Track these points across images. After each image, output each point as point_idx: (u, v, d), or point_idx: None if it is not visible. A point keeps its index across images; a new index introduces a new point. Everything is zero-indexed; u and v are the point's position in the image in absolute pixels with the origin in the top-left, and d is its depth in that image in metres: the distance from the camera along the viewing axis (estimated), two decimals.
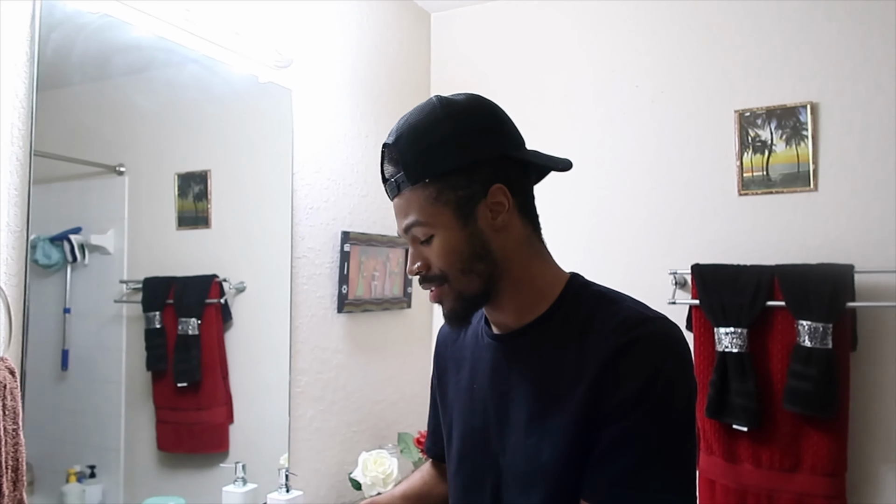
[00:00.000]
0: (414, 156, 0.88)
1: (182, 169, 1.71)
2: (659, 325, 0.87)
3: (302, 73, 1.98)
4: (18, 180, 1.22)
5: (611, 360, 0.84)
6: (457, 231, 0.89)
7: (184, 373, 1.70)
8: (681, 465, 0.84)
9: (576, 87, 2.34)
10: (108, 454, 1.53)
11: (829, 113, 1.95)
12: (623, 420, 0.82)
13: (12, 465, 0.93)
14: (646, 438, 0.82)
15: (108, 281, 1.53)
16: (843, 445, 1.82)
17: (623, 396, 0.83)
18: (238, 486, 1.74)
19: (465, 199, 0.88)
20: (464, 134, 0.89)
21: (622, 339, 0.85)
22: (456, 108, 0.90)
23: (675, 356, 0.86)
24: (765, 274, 1.92)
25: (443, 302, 0.93)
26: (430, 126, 0.89)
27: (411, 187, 0.89)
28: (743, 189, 2.05)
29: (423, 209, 0.88)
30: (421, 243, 0.91)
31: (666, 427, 0.83)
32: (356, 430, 2.16)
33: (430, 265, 0.91)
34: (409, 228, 0.90)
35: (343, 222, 2.13)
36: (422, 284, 0.94)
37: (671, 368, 0.84)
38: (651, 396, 0.82)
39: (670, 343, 0.86)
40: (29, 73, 1.24)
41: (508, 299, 0.93)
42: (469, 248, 0.89)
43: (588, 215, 2.29)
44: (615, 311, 0.90)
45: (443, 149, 0.88)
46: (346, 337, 2.13)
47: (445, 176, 0.88)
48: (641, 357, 0.84)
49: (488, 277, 0.90)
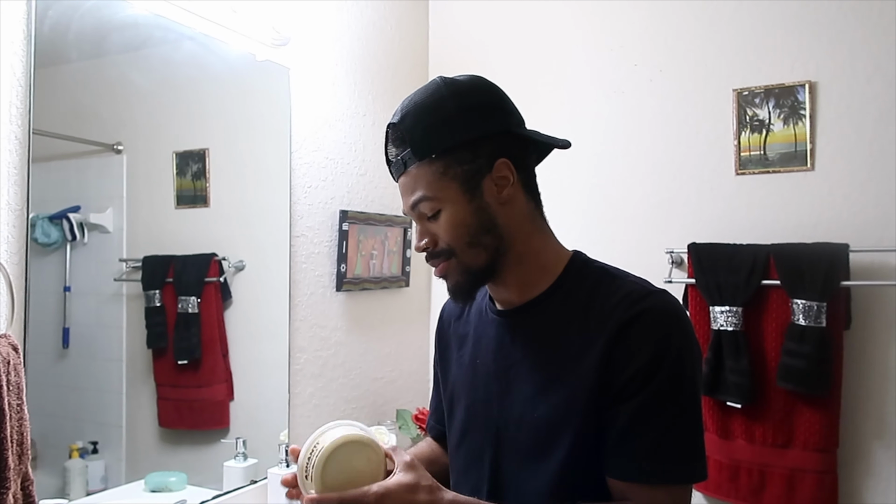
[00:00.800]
0: (420, 133, 0.90)
1: (180, 147, 1.71)
2: (661, 298, 0.90)
3: (300, 51, 1.97)
4: (18, 159, 1.22)
5: (617, 335, 0.87)
6: (464, 204, 0.91)
7: (184, 350, 1.72)
8: (699, 432, 0.88)
9: (574, 65, 2.33)
10: (110, 430, 1.55)
11: (827, 92, 1.94)
12: (638, 395, 0.85)
13: (17, 439, 0.95)
14: (664, 411, 0.85)
15: (107, 259, 1.54)
16: (836, 422, 1.84)
17: (634, 371, 0.85)
18: (239, 461, 1.76)
19: (470, 174, 0.90)
20: (468, 110, 0.91)
21: (627, 314, 0.87)
22: (460, 87, 0.93)
23: (681, 327, 0.89)
24: (760, 253, 1.93)
25: (448, 277, 0.95)
26: (434, 104, 0.91)
27: (418, 164, 0.91)
28: (740, 168, 2.05)
29: (430, 184, 0.90)
30: (428, 219, 0.93)
31: (681, 397, 0.87)
32: (355, 406, 2.19)
33: (437, 240, 0.93)
34: (416, 204, 0.92)
35: (341, 201, 2.14)
36: (428, 261, 0.95)
37: (678, 339, 0.87)
38: (663, 369, 0.85)
39: (674, 315, 0.89)
40: (26, 50, 1.24)
41: (512, 275, 0.95)
42: (476, 221, 0.91)
43: (585, 194, 2.29)
44: (618, 285, 0.92)
45: (448, 125, 0.90)
46: (344, 315, 2.15)
47: (451, 151, 0.90)
48: (648, 330, 0.86)
49: (494, 251, 0.92)
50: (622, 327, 0.87)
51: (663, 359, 0.85)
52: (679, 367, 0.86)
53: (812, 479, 1.84)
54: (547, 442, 0.90)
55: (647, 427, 0.85)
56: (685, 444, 0.86)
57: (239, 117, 1.85)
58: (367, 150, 2.25)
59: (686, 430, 0.87)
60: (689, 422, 0.87)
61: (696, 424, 0.88)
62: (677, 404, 0.86)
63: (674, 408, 0.86)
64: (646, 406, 0.85)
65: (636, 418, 0.85)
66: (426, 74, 2.58)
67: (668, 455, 0.85)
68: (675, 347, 0.86)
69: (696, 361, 0.90)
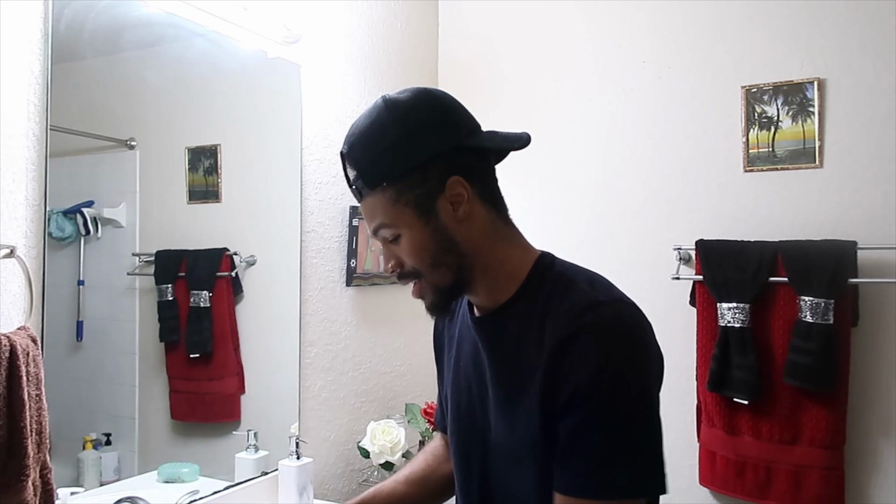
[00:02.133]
0: (367, 163, 0.90)
1: (192, 143, 1.72)
2: (607, 311, 0.87)
3: (310, 48, 1.99)
4: (35, 155, 1.25)
5: (558, 351, 0.85)
6: (420, 228, 0.90)
7: (196, 344, 1.73)
8: (650, 448, 0.85)
9: (582, 62, 2.34)
10: (123, 422, 1.57)
11: (835, 89, 1.94)
12: (575, 413, 0.83)
13: (36, 428, 0.97)
14: (603, 427, 0.83)
15: (120, 253, 1.55)
16: (842, 419, 1.85)
17: (572, 389, 0.83)
18: (250, 453, 1.78)
19: (423, 197, 0.89)
20: (411, 134, 0.90)
21: (567, 330, 0.85)
22: (401, 108, 0.91)
23: (624, 343, 0.85)
24: (768, 250, 1.93)
25: (423, 296, 0.95)
26: (377, 131, 0.90)
27: (371, 192, 0.90)
28: (748, 165, 2.06)
29: (386, 211, 0.90)
30: (390, 242, 0.93)
31: (622, 413, 0.83)
32: (364, 400, 2.21)
33: (402, 264, 0.93)
34: (376, 231, 0.93)
35: (351, 198, 2.14)
36: (399, 280, 0.95)
37: (618, 357, 0.84)
38: (599, 387, 0.82)
39: (619, 330, 0.86)
40: (43, 49, 1.26)
41: (480, 285, 0.95)
42: (435, 243, 0.90)
43: (593, 191, 2.30)
44: (568, 294, 0.90)
45: (392, 152, 0.89)
46: (354, 310, 2.17)
47: (401, 177, 0.89)
48: (585, 348, 0.84)
49: (457, 268, 0.92)
50: (562, 343, 0.85)
51: (600, 377, 0.82)
52: (618, 385, 0.83)
53: (818, 475, 1.84)
54: (522, 447, 0.91)
55: (587, 442, 0.83)
56: (628, 460, 0.83)
57: (250, 114, 1.86)
58: None
59: (630, 445, 0.84)
60: (633, 437, 0.84)
61: (644, 440, 0.85)
62: (618, 420, 0.83)
63: (614, 423, 0.83)
64: (585, 422, 0.83)
65: (576, 434, 0.84)
66: (436, 71, 2.59)
67: (607, 470, 0.83)
68: (613, 366, 0.83)
69: (643, 377, 0.86)
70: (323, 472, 2.01)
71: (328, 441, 2.06)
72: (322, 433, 2.03)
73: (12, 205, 1.12)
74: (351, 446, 2.11)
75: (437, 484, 1.20)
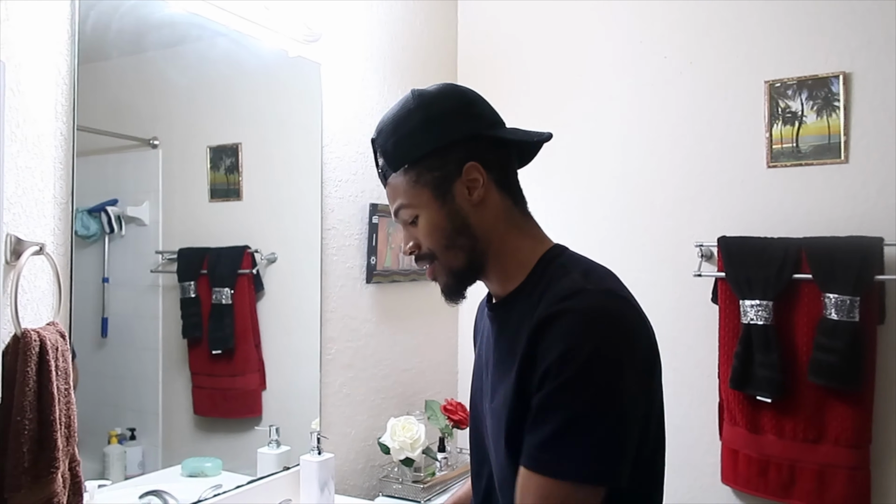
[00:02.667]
0: (391, 146, 0.96)
1: (214, 142, 1.74)
2: (589, 298, 0.87)
3: (330, 47, 2.00)
4: (63, 154, 1.26)
5: (535, 334, 0.87)
6: (436, 209, 0.95)
7: (218, 340, 1.75)
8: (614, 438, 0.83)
9: (603, 58, 2.33)
10: (147, 417, 1.59)
11: (861, 83, 1.91)
12: (543, 389, 0.85)
13: (65, 421, 0.99)
14: (566, 407, 0.83)
15: (144, 251, 1.57)
16: (868, 417, 1.82)
17: (546, 367, 0.85)
18: (272, 448, 1.80)
19: (441, 179, 0.95)
20: (433, 120, 0.95)
21: (547, 312, 0.87)
22: (426, 97, 0.97)
23: (599, 330, 0.85)
24: (792, 246, 1.91)
25: (437, 278, 1.00)
26: (403, 117, 0.97)
27: (394, 174, 0.97)
28: (772, 161, 2.03)
29: (406, 192, 0.96)
30: (410, 224, 0.98)
31: (582, 399, 0.83)
32: (384, 396, 2.22)
33: (419, 245, 0.98)
34: (397, 212, 0.99)
35: (371, 195, 2.17)
36: (416, 263, 1.00)
37: (592, 342, 0.84)
38: (570, 367, 0.83)
39: (596, 316, 0.86)
40: (70, 50, 1.28)
41: (493, 272, 0.99)
42: (450, 224, 0.95)
43: (614, 188, 2.28)
44: (559, 282, 0.91)
45: (415, 136, 0.95)
46: (374, 307, 2.18)
47: (421, 160, 0.95)
48: (562, 329, 0.85)
49: (470, 251, 0.96)
50: (541, 324, 0.87)
51: (572, 357, 0.83)
52: (589, 369, 0.83)
53: (844, 475, 1.82)
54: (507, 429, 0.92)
55: (547, 419, 0.84)
56: (584, 444, 0.82)
57: (271, 112, 1.88)
58: None
59: (591, 431, 0.83)
60: (594, 424, 0.83)
61: (607, 429, 0.83)
62: (581, 403, 0.83)
63: (577, 406, 0.83)
64: (550, 399, 0.84)
65: (540, 410, 0.85)
66: (455, 69, 2.59)
67: (563, 450, 0.83)
68: (587, 349, 0.83)
69: (615, 366, 0.85)
70: (344, 467, 2.02)
71: (349, 437, 2.07)
72: (343, 429, 2.04)
73: (41, 203, 1.13)
74: (371, 442, 2.12)
75: None
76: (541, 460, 0.84)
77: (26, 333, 0.93)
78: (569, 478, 0.82)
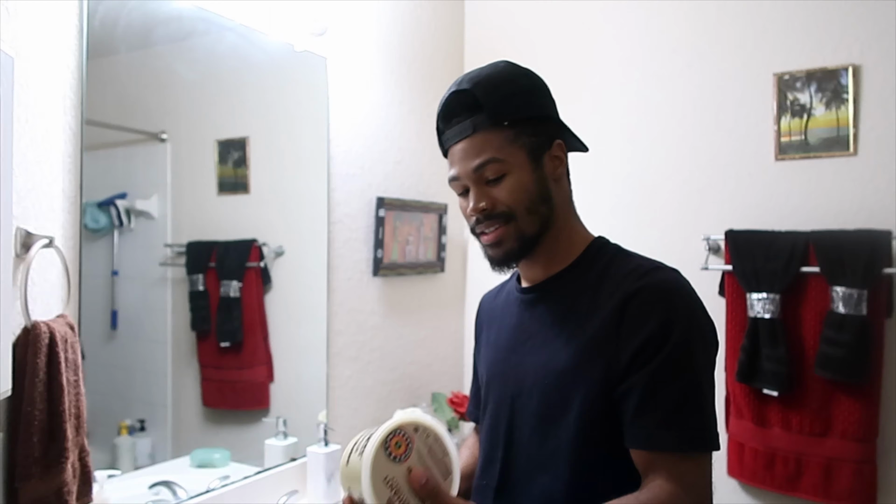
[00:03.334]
0: (497, 99, 0.96)
1: (221, 136, 1.75)
2: (670, 274, 0.94)
3: (337, 41, 2.00)
4: (71, 147, 1.28)
5: (624, 306, 0.90)
6: (529, 171, 0.96)
7: (226, 333, 1.77)
8: (706, 404, 0.89)
9: (610, 50, 2.32)
10: (157, 409, 1.61)
11: (871, 76, 1.90)
12: (651, 362, 0.87)
13: (74, 412, 1.00)
14: (680, 378, 0.87)
15: (152, 245, 1.59)
16: (875, 411, 1.82)
17: (645, 339, 0.87)
18: (280, 440, 1.82)
19: (536, 145, 0.97)
20: (537, 89, 1.01)
21: (634, 285, 0.91)
22: (526, 70, 1.01)
23: (690, 299, 0.92)
24: (799, 240, 1.90)
25: (503, 242, 0.98)
26: (509, 77, 0.99)
27: (489, 129, 0.95)
28: (780, 154, 2.02)
29: (500, 149, 0.95)
30: (488, 182, 0.97)
31: (695, 364, 0.88)
32: (391, 389, 2.23)
33: (496, 204, 0.96)
34: (481, 166, 0.96)
35: (378, 188, 2.17)
36: (482, 224, 0.98)
37: (686, 309, 0.90)
38: (673, 336, 0.87)
39: (683, 289, 0.92)
40: (79, 45, 1.29)
41: (547, 249, 1.00)
42: (537, 189, 0.97)
43: (621, 180, 2.28)
44: (628, 262, 0.97)
45: (521, 97, 0.98)
46: (381, 300, 2.19)
47: (522, 122, 0.96)
48: (656, 300, 0.89)
49: (545, 221, 0.98)
50: (629, 298, 0.90)
51: (673, 326, 0.87)
52: (690, 335, 0.88)
53: (850, 468, 1.82)
54: (557, 408, 0.93)
55: (662, 395, 0.87)
56: (704, 412, 0.88)
57: (278, 106, 1.88)
58: (403, 138, 2.28)
59: (703, 397, 0.88)
60: (705, 390, 0.89)
61: (711, 394, 0.90)
62: (692, 371, 0.88)
63: (689, 375, 0.88)
64: (660, 373, 0.87)
65: (653, 386, 0.87)
66: (461, 63, 2.59)
67: (684, 423, 0.87)
68: (685, 316, 0.89)
69: (707, 335, 0.92)
70: None
71: (356, 429, 2.07)
72: (350, 421, 2.06)
73: (50, 196, 1.15)
74: None
75: None
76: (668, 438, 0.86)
77: (36, 325, 0.94)
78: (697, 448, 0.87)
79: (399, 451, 0.77)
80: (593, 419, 0.89)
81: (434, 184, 2.42)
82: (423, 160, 2.38)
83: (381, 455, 0.76)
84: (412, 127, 2.31)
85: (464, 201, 1.00)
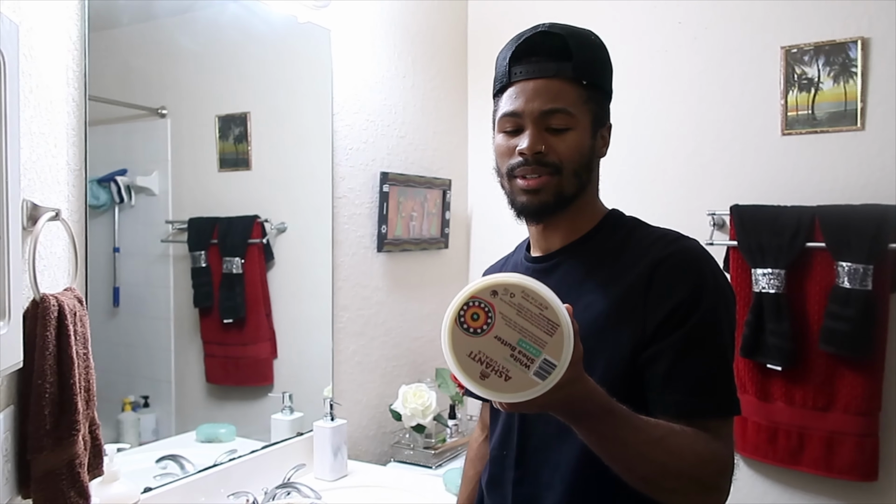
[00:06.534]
0: (588, 56, 0.98)
1: (222, 111, 1.73)
2: (694, 242, 0.96)
3: (340, 12, 1.97)
4: (75, 120, 1.26)
5: (652, 273, 0.90)
6: (588, 135, 0.98)
7: (229, 310, 1.76)
8: (731, 370, 0.91)
9: (615, 22, 2.29)
10: (160, 385, 1.61)
11: (880, 49, 1.88)
12: (681, 328, 0.87)
13: (84, 385, 0.99)
14: (709, 344, 0.88)
15: (154, 221, 1.57)
16: (878, 385, 1.83)
17: (674, 305, 0.88)
18: (286, 414, 1.82)
19: (599, 115, 1.00)
20: (611, 70, 1.03)
21: (663, 253, 0.92)
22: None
23: (716, 267, 0.94)
24: (805, 214, 1.90)
25: (542, 192, 0.97)
26: (598, 43, 1.01)
27: (570, 81, 0.96)
28: (787, 128, 2.01)
29: (574, 103, 0.96)
30: (548, 129, 0.96)
31: (723, 330, 0.90)
32: (395, 364, 2.23)
33: (551, 152, 0.96)
34: (552, 112, 0.96)
35: (382, 163, 2.16)
36: (528, 167, 0.97)
37: (713, 277, 0.92)
38: (703, 302, 0.88)
39: (708, 257, 0.94)
40: (81, 15, 1.26)
41: (570, 216, 1.01)
42: (588, 154, 0.99)
43: (626, 154, 2.26)
44: (651, 231, 0.99)
45: (604, 67, 1.01)
46: (385, 275, 2.18)
47: (596, 89, 0.99)
48: (685, 267, 0.91)
49: (583, 186, 0.99)
50: (658, 264, 0.91)
51: (703, 293, 0.88)
52: (717, 302, 0.90)
53: (852, 441, 1.83)
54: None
55: (694, 360, 0.87)
56: (728, 379, 0.90)
57: (280, 80, 1.86)
58: (407, 112, 2.26)
59: (729, 364, 0.90)
60: (729, 357, 0.91)
61: (731, 360, 0.92)
62: (721, 336, 0.90)
63: (719, 339, 0.89)
64: (691, 339, 0.87)
65: (682, 352, 0.87)
66: (465, 37, 2.56)
67: (714, 389, 0.88)
68: (713, 284, 0.91)
69: (732, 303, 0.94)
70: (356, 433, 2.04)
71: (361, 403, 2.09)
72: (355, 396, 2.06)
73: (55, 169, 1.13)
74: (383, 409, 2.14)
75: None
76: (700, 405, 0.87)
77: (45, 298, 0.93)
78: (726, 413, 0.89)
79: (477, 324, 0.72)
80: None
81: (438, 159, 2.40)
82: (427, 135, 2.36)
83: (459, 334, 0.72)
84: (416, 101, 2.29)
85: (508, 139, 0.99)
